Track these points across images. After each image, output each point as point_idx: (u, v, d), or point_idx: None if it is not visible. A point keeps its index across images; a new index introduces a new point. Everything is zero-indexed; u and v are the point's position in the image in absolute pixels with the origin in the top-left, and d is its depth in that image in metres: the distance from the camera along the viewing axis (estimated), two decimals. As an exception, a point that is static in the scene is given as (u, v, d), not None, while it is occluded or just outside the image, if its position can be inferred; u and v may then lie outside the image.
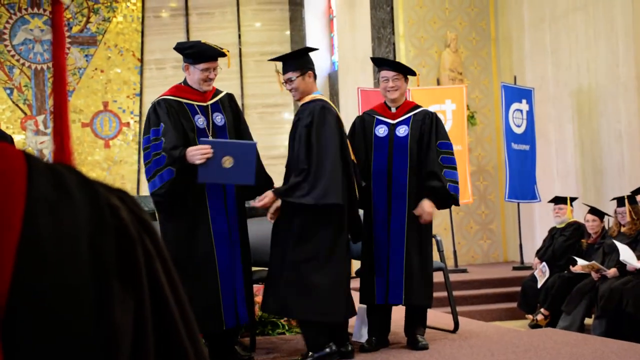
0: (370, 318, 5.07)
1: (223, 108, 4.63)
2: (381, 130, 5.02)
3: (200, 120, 4.50)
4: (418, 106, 5.18)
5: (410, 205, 4.91)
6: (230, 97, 4.76)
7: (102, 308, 0.68)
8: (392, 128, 5.03)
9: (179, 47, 4.68)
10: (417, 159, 4.96)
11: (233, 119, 4.66)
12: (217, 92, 4.70)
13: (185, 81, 4.64)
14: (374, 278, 4.92)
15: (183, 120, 4.45)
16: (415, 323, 5.01)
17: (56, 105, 0.75)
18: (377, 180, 4.96)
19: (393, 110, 5.09)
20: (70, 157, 0.74)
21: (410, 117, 5.05)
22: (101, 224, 0.70)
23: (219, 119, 4.58)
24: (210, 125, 4.53)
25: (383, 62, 5.30)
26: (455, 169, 5.03)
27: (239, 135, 4.66)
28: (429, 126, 5.01)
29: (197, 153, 4.24)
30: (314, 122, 4.51)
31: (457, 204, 5.10)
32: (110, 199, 0.72)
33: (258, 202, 4.52)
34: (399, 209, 4.92)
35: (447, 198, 4.95)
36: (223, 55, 4.60)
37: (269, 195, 4.47)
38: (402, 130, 5.01)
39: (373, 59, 5.57)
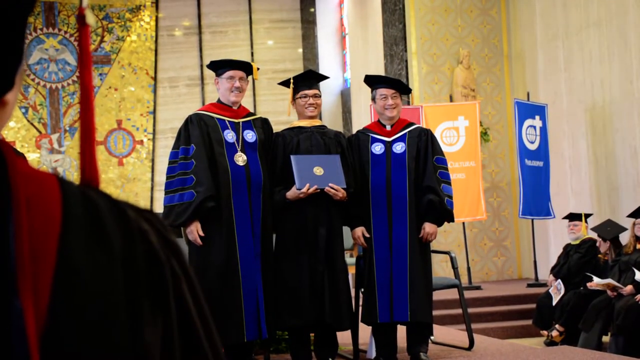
0: (376, 337, 5.05)
1: (255, 127, 4.83)
2: (377, 148, 5.05)
3: (229, 135, 4.71)
4: (412, 123, 5.24)
5: (412, 220, 4.93)
6: (264, 120, 4.96)
7: (134, 330, 0.70)
8: (388, 145, 5.06)
9: (209, 66, 4.96)
10: (415, 175, 4.99)
11: (265, 139, 4.84)
12: (251, 114, 4.94)
13: (219, 100, 4.88)
14: (376, 296, 4.91)
15: (212, 134, 4.67)
16: (418, 341, 4.98)
17: (82, 126, 0.77)
18: (376, 197, 4.98)
19: (388, 128, 5.12)
20: (96, 177, 0.76)
21: (405, 134, 5.09)
22: (132, 249, 0.72)
23: (249, 135, 4.76)
24: (240, 140, 4.72)
25: (381, 80, 5.27)
26: (451, 184, 5.07)
27: (267, 155, 4.86)
28: (425, 142, 5.05)
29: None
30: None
31: (453, 220, 5.09)
32: (140, 223, 0.74)
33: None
34: (400, 224, 4.93)
35: (444, 213, 4.96)
36: (245, 64, 4.85)
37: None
38: (399, 147, 5.04)
39: (368, 77, 5.25)
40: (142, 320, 0.70)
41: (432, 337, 5.46)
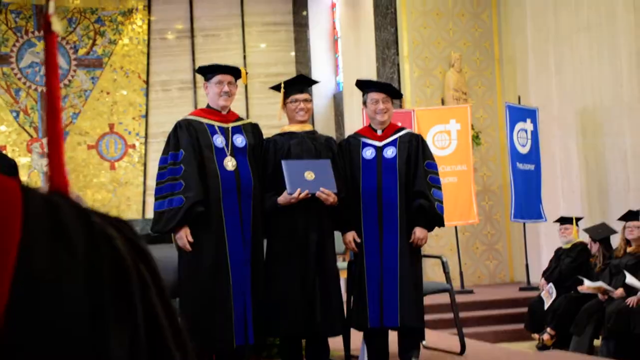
0: (368, 343, 5.04)
1: (244, 131, 4.81)
2: (368, 153, 5.05)
3: (218, 140, 4.69)
4: (403, 128, 5.25)
5: (402, 225, 4.92)
6: (254, 125, 4.95)
7: (98, 339, 0.68)
8: (379, 150, 5.05)
9: (198, 71, 4.96)
10: (406, 179, 4.99)
11: (255, 144, 4.82)
12: (241, 118, 4.93)
13: (208, 105, 4.87)
14: (367, 301, 4.90)
15: (201, 139, 4.65)
16: (410, 346, 4.97)
17: (50, 133, 0.76)
18: (367, 202, 4.97)
19: (379, 132, 5.12)
20: (65, 183, 0.75)
21: (396, 139, 5.08)
22: (97, 254, 0.70)
23: (239, 140, 4.75)
24: (230, 145, 4.70)
25: (373, 84, 5.28)
26: (441, 189, 5.06)
27: (258, 160, 4.83)
28: (415, 147, 5.05)
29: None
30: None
31: (443, 225, 5.09)
32: (106, 228, 0.73)
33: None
34: (391, 229, 4.93)
35: (434, 217, 4.95)
36: (234, 69, 4.84)
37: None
38: (389, 152, 5.04)
39: (359, 82, 5.30)
40: (107, 329, 0.68)
41: (423, 342, 5.46)
